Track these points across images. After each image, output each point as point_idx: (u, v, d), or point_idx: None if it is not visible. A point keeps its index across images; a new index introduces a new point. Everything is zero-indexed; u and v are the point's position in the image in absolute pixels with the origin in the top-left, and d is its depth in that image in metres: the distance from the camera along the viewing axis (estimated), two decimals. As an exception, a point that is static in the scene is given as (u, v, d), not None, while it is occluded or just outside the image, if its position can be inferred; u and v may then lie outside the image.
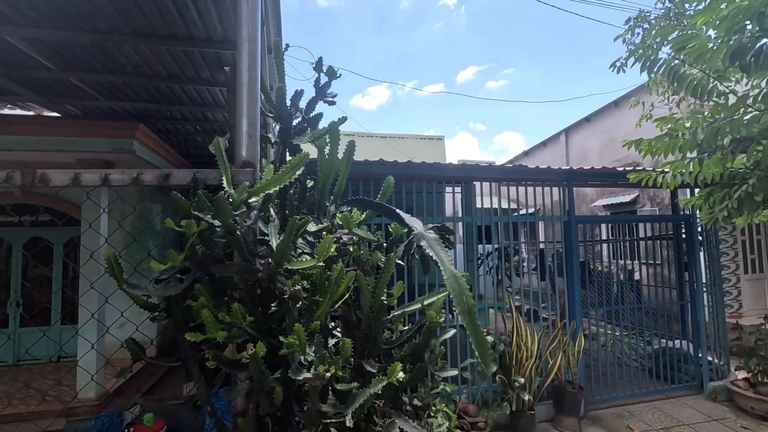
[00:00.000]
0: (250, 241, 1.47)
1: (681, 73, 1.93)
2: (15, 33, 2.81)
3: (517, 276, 5.67)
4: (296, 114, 2.29)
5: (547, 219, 4.62)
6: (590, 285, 7.96)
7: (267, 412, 1.43)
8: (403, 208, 1.82)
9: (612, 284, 8.13)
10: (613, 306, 6.63)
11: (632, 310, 6.40)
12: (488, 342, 2.29)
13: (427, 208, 4.17)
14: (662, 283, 5.90)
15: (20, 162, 5.11)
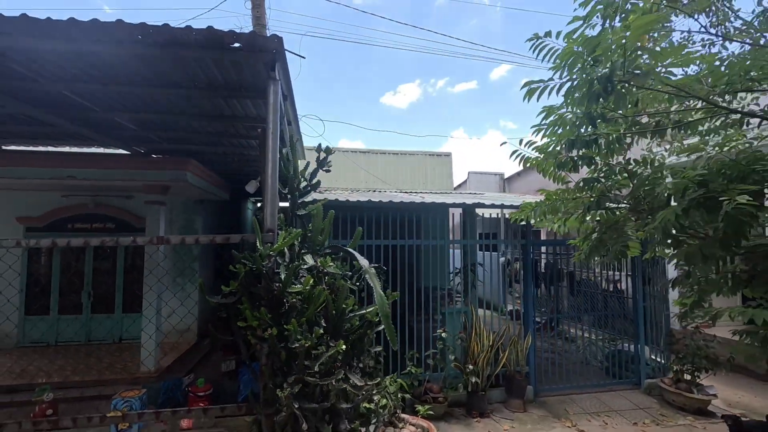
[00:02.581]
0: (270, 274, 2.74)
1: (537, 164, 3.09)
2: (123, 116, 4.22)
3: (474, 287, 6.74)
4: (303, 181, 3.56)
5: (508, 242, 5.74)
6: (576, 293, 9.00)
7: (279, 365, 2.70)
8: (405, 229, 3.04)
9: (595, 293, 9.08)
10: (583, 312, 7.67)
11: (604, 316, 7.38)
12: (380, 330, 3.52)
13: (425, 232, 5.36)
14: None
15: (105, 186, 6.67)
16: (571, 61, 2.06)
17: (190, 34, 2.53)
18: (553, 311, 9.75)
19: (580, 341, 7.68)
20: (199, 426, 2.69)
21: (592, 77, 2.03)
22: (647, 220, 2.44)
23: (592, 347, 7.18)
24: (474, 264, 5.65)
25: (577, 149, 2.78)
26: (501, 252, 8.78)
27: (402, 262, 5.46)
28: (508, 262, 8.67)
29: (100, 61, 2.98)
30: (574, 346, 8.03)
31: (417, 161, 12.22)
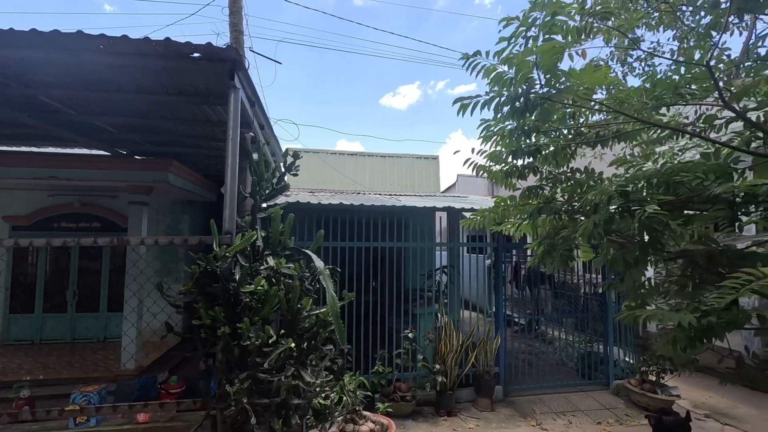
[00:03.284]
0: (227, 274, 2.86)
1: (484, 169, 3.23)
2: (102, 120, 4.34)
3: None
4: (268, 185, 3.69)
5: (480, 245, 5.88)
6: (557, 295, 9.17)
7: (233, 363, 2.82)
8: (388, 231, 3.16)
9: (576, 296, 9.23)
10: (563, 314, 7.82)
11: (583, 318, 7.53)
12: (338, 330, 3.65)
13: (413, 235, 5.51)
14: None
15: (88, 186, 6.79)
16: (495, 78, 2.20)
17: (149, 44, 2.65)
18: (534, 313, 9.94)
19: (557, 342, 7.84)
20: (156, 420, 2.81)
21: (515, 95, 2.17)
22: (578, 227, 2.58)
23: (568, 349, 7.33)
24: (447, 267, 5.78)
25: (522, 158, 2.92)
26: (487, 254, 8.93)
27: (380, 264, 5.59)
28: (493, 264, 8.83)
29: (69, 69, 3.10)
30: (552, 348, 8.19)
31: (404, 163, 12.37)
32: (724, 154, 2.52)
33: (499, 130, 2.62)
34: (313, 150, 12.28)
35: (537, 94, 2.17)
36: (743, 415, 5.59)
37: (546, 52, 1.97)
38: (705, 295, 2.09)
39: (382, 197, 7.15)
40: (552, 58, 2.03)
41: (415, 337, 5.11)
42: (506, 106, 2.25)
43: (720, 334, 2.01)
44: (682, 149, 2.64)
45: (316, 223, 5.15)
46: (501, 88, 2.23)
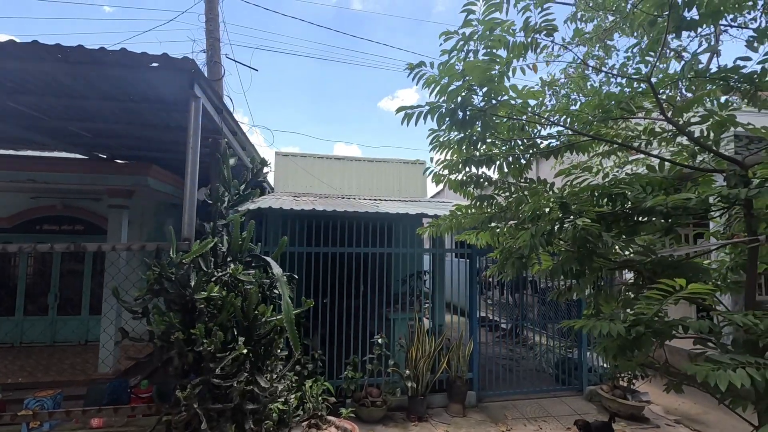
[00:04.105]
0: (183, 280, 2.89)
1: (441, 178, 3.28)
2: (75, 125, 4.38)
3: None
4: (236, 192, 3.73)
5: (456, 251, 5.94)
6: (541, 301, 9.23)
7: (187, 367, 2.85)
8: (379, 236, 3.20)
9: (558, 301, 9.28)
10: (544, 319, 7.89)
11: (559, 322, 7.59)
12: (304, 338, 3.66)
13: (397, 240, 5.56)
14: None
15: (69, 189, 6.81)
16: (440, 89, 2.25)
17: (106, 54, 2.70)
18: (517, 318, 9.99)
19: (538, 348, 7.90)
20: (110, 425, 2.83)
21: (455, 106, 2.22)
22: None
23: (548, 354, 7.38)
24: (420, 272, 5.83)
25: (475, 167, 2.98)
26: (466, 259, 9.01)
27: (363, 270, 5.63)
28: (479, 270, 8.89)
29: (31, 76, 3.14)
30: (532, 353, 8.24)
31: (392, 169, 12.43)
32: (668, 167, 2.59)
33: (446, 141, 2.68)
34: (301, 154, 12.33)
35: (475, 107, 2.23)
36: (714, 420, 5.65)
37: (476, 69, 2.03)
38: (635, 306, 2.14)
39: (363, 202, 7.20)
40: (483, 74, 2.09)
41: (386, 342, 5.14)
42: (447, 117, 2.30)
43: (648, 344, 2.06)
44: (625, 162, 2.71)
45: (302, 229, 5.20)
46: (449, 100, 2.29)
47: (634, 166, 2.86)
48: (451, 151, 2.77)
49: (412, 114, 2.33)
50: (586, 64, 2.96)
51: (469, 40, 2.19)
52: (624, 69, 2.90)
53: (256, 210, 4.76)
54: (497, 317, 10.67)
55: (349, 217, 5.31)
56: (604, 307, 3.07)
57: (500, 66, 2.32)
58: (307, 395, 3.84)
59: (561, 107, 3.07)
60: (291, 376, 4.02)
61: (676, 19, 2.38)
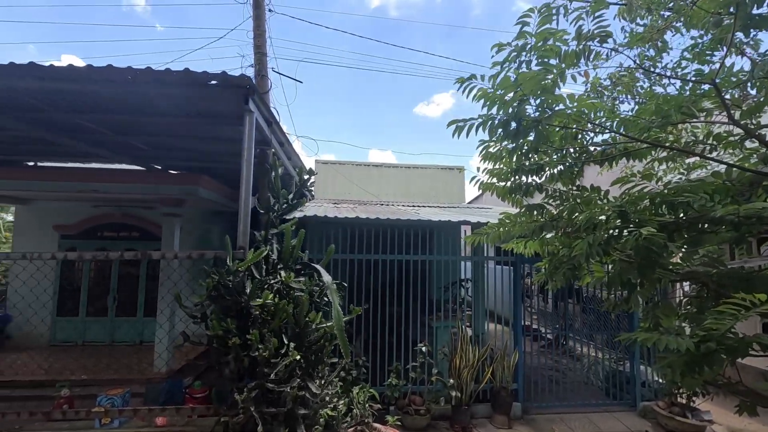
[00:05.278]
0: (239, 288, 3.02)
1: (488, 186, 3.24)
2: (135, 139, 4.69)
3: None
4: (285, 200, 3.85)
5: (498, 258, 5.82)
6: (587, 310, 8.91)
7: (242, 371, 2.97)
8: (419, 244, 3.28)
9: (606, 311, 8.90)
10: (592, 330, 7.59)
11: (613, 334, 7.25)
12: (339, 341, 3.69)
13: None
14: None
15: (126, 198, 7.27)
16: (490, 101, 2.25)
17: (171, 75, 2.88)
18: (561, 328, 9.65)
19: (585, 360, 7.59)
20: (173, 424, 2.98)
21: (508, 117, 2.21)
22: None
23: (596, 366, 7.08)
24: (463, 280, 5.77)
25: (525, 176, 2.94)
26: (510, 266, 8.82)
27: (404, 277, 5.65)
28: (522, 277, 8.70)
29: (101, 97, 3.39)
30: (579, 365, 7.93)
31: (429, 175, 12.38)
32: (737, 173, 2.45)
33: (497, 151, 2.66)
34: (339, 162, 12.53)
35: (529, 117, 2.20)
36: (785, 444, 5.23)
37: (530, 80, 2.00)
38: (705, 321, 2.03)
39: (404, 209, 7.23)
40: (537, 84, 2.06)
41: (429, 350, 5.12)
42: (500, 129, 2.29)
43: (719, 361, 1.95)
44: (688, 168, 2.58)
45: (336, 236, 5.29)
46: (497, 111, 2.28)
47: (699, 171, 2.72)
48: (502, 160, 2.74)
49: (463, 126, 2.33)
50: (642, 68, 2.85)
51: (521, 51, 2.17)
52: (677, 70, 2.78)
53: (300, 217, 4.89)
54: (540, 326, 10.36)
55: (392, 225, 5.35)
56: (663, 320, 2.93)
57: (553, 76, 2.28)
58: (354, 402, 3.89)
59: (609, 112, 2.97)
60: (336, 383, 4.09)
61: (744, 17, 2.26)
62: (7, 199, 8.29)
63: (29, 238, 8.65)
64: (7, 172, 6.26)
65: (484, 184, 3.20)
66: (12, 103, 3.62)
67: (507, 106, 2.20)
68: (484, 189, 3.23)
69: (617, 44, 2.66)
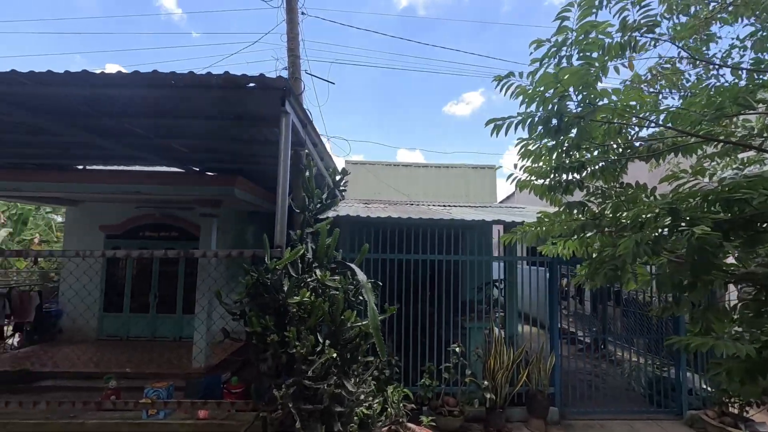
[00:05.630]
0: (276, 285, 3.08)
1: (526, 184, 3.15)
2: (176, 142, 4.87)
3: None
4: (319, 200, 3.90)
5: (533, 258, 5.68)
6: (626, 313, 8.60)
7: (280, 368, 3.02)
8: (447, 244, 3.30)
9: (647, 314, 8.53)
10: (632, 334, 7.29)
11: (655, 339, 6.95)
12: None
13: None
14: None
15: (166, 199, 7.57)
16: (529, 98, 2.19)
17: (211, 78, 2.97)
18: (599, 331, 9.33)
19: (626, 364, 7.30)
20: (213, 417, 3.08)
21: (549, 114, 2.14)
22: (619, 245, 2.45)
23: (637, 372, 6.80)
24: (496, 281, 5.66)
25: (564, 174, 2.85)
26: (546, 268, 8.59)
27: (435, 277, 5.62)
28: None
29: (145, 101, 3.54)
30: (620, 370, 7.63)
31: (460, 174, 12.26)
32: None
33: (536, 148, 2.59)
34: (369, 162, 12.60)
35: (571, 113, 2.13)
36: None
37: (572, 75, 1.94)
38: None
39: (435, 209, 7.18)
40: (579, 79, 1.99)
41: (463, 351, 5.06)
42: (540, 126, 2.23)
43: (784, 368, 1.83)
44: (743, 163, 2.43)
45: (368, 236, 5.31)
46: (536, 109, 2.22)
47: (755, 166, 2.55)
48: (542, 158, 2.67)
49: (501, 125, 2.29)
50: (694, 58, 2.71)
51: (561, 47, 2.11)
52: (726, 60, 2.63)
53: (331, 219, 4.95)
54: (575, 329, 10.04)
55: (423, 224, 5.32)
56: (715, 324, 2.77)
57: (595, 69, 2.20)
58: (388, 401, 3.89)
59: (654, 106, 2.84)
60: (370, 381, 4.10)
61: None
62: (59, 200, 8.81)
63: (78, 238, 9.15)
64: (60, 175, 6.65)
65: (522, 182, 3.12)
66: (65, 109, 3.84)
67: (547, 102, 2.14)
68: (522, 187, 3.16)
69: (659, 35, 2.53)
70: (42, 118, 3.88)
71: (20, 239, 14.60)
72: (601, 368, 7.61)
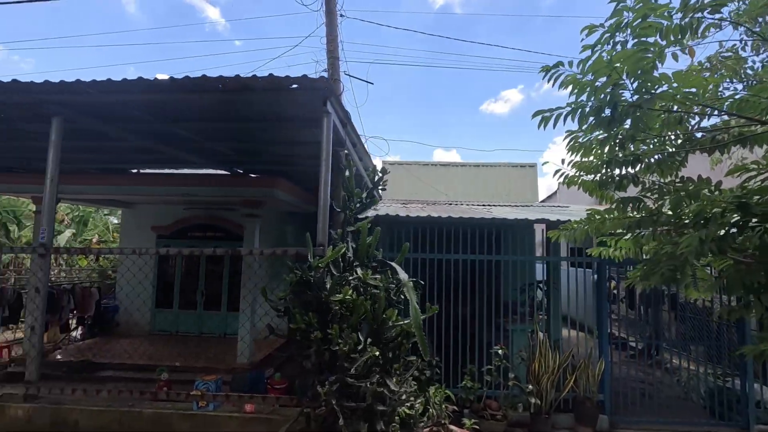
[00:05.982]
0: (319, 283, 3.12)
1: (574, 180, 2.99)
2: (220, 145, 5.07)
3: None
4: (359, 199, 3.93)
5: (579, 259, 5.44)
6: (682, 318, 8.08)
7: (324, 365, 3.06)
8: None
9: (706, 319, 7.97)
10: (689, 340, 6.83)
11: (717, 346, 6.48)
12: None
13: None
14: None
15: (208, 202, 7.90)
16: (579, 88, 2.08)
17: (256, 81, 3.06)
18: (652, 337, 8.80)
19: (684, 373, 6.84)
20: (260, 411, 3.16)
21: (601, 104, 2.02)
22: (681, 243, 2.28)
23: (695, 381, 6.36)
24: (540, 282, 5.48)
25: (618, 168, 2.70)
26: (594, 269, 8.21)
27: (474, 277, 5.52)
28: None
29: (193, 105, 3.70)
30: (676, 378, 7.16)
31: (498, 173, 12.00)
32: None
33: (586, 141, 2.47)
34: (406, 162, 12.58)
35: (626, 102, 2.01)
36: None
37: (628, 59, 1.82)
38: None
39: (474, 208, 7.05)
40: (635, 64, 1.86)
41: (506, 353, 4.92)
42: (591, 117, 2.12)
43: None
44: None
45: (407, 235, 5.29)
46: (588, 98, 2.12)
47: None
48: (592, 152, 2.55)
49: (549, 117, 2.20)
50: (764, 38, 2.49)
51: (615, 31, 1.99)
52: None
53: (371, 218, 4.97)
54: (624, 334, 9.54)
55: (463, 224, 5.24)
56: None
57: (652, 55, 2.07)
58: (430, 402, 3.85)
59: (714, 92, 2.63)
60: (410, 381, 4.08)
61: None
62: (116, 203, 9.39)
63: (132, 238, 9.69)
64: (119, 178, 7.09)
65: (569, 178, 3.00)
66: (122, 115, 4.07)
67: (600, 91, 2.03)
68: (569, 183, 3.03)
69: (720, 19, 2.34)
70: (104, 124, 4.14)
71: (82, 239, 15.73)
72: (654, 376, 7.17)
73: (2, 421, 3.28)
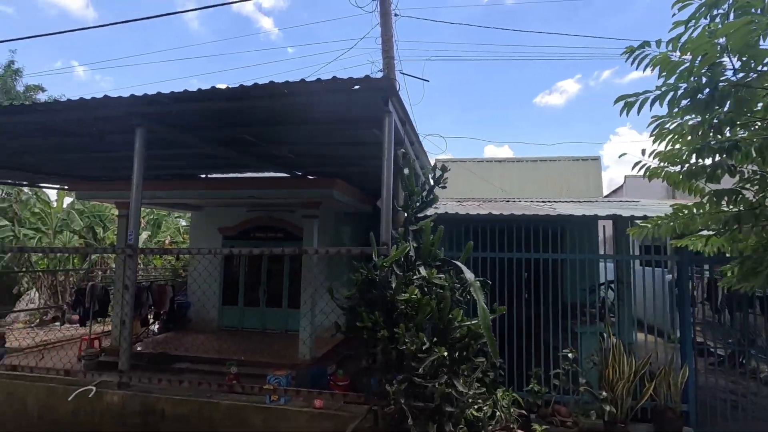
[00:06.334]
0: (384, 282, 3.12)
1: (657, 172, 2.72)
2: (284, 149, 5.25)
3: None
4: (419, 198, 3.90)
5: (656, 257, 5.02)
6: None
7: (391, 364, 3.06)
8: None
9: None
10: None
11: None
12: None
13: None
14: None
15: (269, 203, 8.23)
16: (669, 69, 1.90)
17: (320, 84, 3.12)
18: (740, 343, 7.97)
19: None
20: (328, 407, 3.23)
21: (697, 85, 1.83)
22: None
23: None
24: (611, 281, 5.13)
25: (710, 157, 2.46)
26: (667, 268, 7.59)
27: (535, 276, 5.31)
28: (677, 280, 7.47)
29: (258, 109, 3.85)
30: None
31: (559, 168, 11.43)
32: None
33: (676, 127, 2.26)
34: (459, 159, 12.36)
35: (728, 81, 1.81)
36: None
37: (736, 31, 1.62)
38: None
39: (534, 205, 6.77)
40: (743, 36, 1.66)
41: (575, 357, 4.66)
42: (684, 100, 1.93)
43: None
44: None
45: (465, 234, 5.18)
46: (677, 80, 1.93)
47: None
48: (681, 139, 2.33)
49: (633, 102, 2.04)
50: None
51: (713, 6, 1.80)
52: None
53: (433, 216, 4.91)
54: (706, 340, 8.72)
55: (525, 221, 5.03)
56: None
57: (758, 27, 1.85)
58: (498, 405, 3.74)
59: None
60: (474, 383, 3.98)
61: None
62: (187, 206, 10.05)
63: (201, 239, 10.33)
64: (191, 183, 7.58)
65: (652, 170, 2.77)
66: (192, 123, 4.34)
67: (697, 70, 1.84)
68: (652, 176, 2.80)
69: None
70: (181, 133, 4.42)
71: (156, 240, 17.07)
72: (743, 386, 6.49)
73: (100, 406, 3.62)
